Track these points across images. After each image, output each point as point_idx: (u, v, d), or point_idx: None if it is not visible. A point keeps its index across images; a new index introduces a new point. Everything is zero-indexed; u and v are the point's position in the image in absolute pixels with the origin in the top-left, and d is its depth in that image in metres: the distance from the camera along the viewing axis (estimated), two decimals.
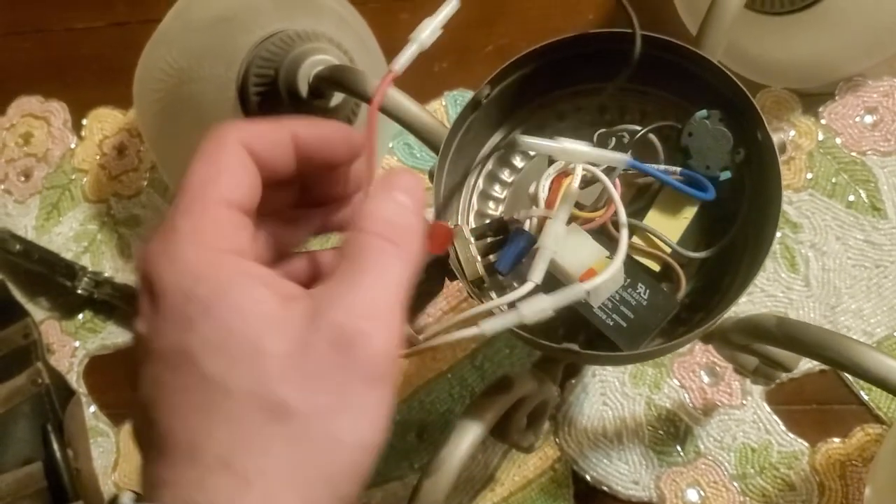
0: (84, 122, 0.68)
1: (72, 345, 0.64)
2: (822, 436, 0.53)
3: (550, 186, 0.35)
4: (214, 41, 0.52)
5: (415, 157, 0.63)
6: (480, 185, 0.42)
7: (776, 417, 0.54)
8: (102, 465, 0.61)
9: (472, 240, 0.38)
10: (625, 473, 0.55)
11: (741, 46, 0.54)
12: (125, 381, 0.63)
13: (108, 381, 0.63)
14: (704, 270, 0.39)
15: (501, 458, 0.56)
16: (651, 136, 0.37)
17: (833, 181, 0.57)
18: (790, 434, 0.54)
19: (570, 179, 0.33)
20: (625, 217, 0.32)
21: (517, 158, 0.42)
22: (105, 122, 0.68)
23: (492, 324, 0.29)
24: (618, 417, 0.56)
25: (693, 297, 0.39)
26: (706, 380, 0.55)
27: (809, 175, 0.57)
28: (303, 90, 0.47)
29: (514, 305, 0.29)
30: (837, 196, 0.57)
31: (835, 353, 0.35)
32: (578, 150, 0.31)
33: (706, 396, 0.55)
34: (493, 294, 0.40)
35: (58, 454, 0.57)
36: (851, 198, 0.56)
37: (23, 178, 0.68)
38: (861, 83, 0.58)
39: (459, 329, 0.29)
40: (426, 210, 0.28)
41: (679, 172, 0.36)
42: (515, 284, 0.40)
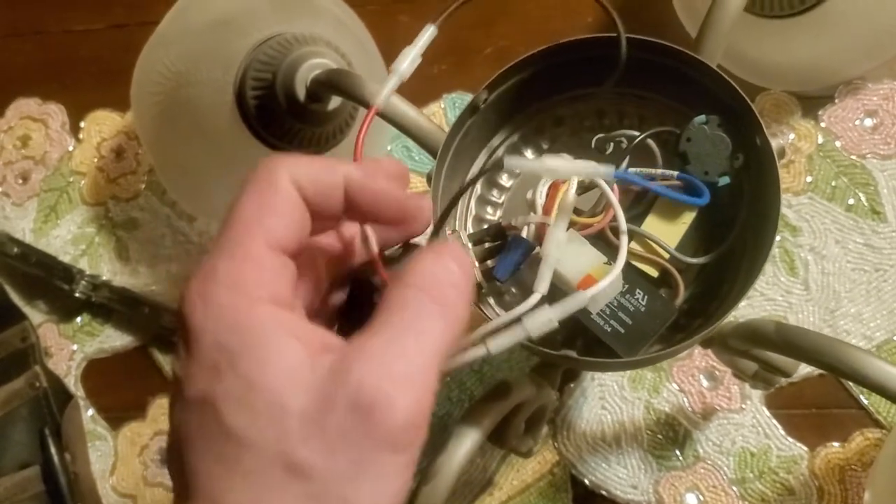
0: (82, 125, 0.68)
1: (70, 348, 0.64)
2: (822, 440, 0.53)
3: (548, 193, 0.35)
4: (212, 44, 0.52)
5: (413, 161, 0.62)
6: (478, 190, 0.42)
7: (775, 422, 0.54)
8: (100, 469, 0.61)
9: (470, 245, 0.38)
10: (623, 478, 0.55)
11: (741, 49, 0.54)
12: (123, 385, 0.62)
13: (107, 385, 0.63)
14: (703, 276, 0.39)
15: (500, 463, 0.56)
16: (649, 142, 0.37)
17: (833, 184, 0.57)
18: (789, 438, 0.54)
19: (567, 186, 0.33)
20: (624, 224, 0.32)
21: None
22: (103, 125, 0.68)
23: (499, 342, 0.28)
24: (617, 421, 0.56)
25: (692, 303, 0.38)
26: (705, 384, 0.55)
27: (809, 178, 0.57)
28: (300, 94, 0.47)
29: (519, 319, 0.28)
30: (837, 199, 0.56)
31: (833, 359, 0.34)
32: (562, 167, 0.31)
33: (705, 400, 0.55)
34: (491, 300, 0.40)
35: (55, 458, 0.57)
36: (851, 201, 0.56)
37: (20, 181, 0.68)
38: (861, 86, 0.58)
39: (467, 351, 0.29)
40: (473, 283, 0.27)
41: (676, 177, 0.35)
42: (513, 290, 0.40)
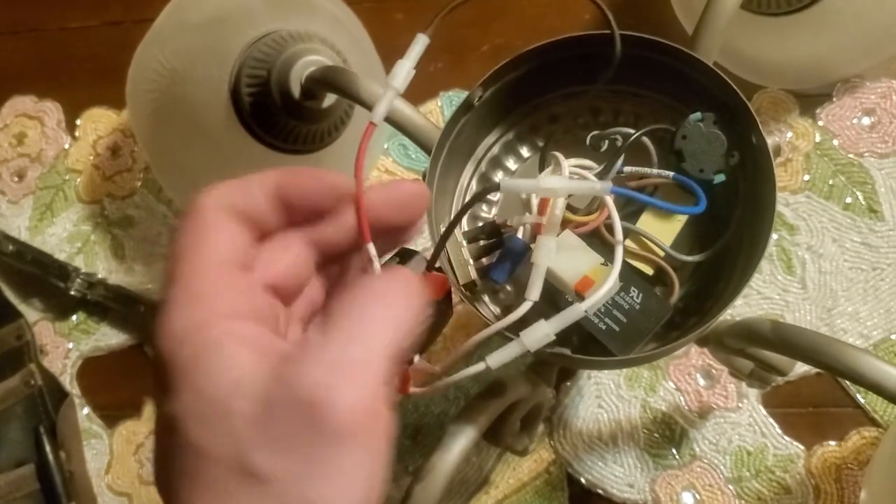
0: (78, 123, 0.68)
1: (65, 346, 0.63)
2: (818, 439, 0.53)
3: None
4: (207, 42, 0.52)
5: (410, 159, 0.62)
6: (473, 188, 0.42)
7: (772, 420, 0.54)
8: (95, 468, 0.61)
9: (465, 243, 0.38)
10: (620, 476, 0.55)
11: (738, 47, 0.54)
12: (118, 383, 0.62)
13: (102, 383, 0.63)
14: (698, 274, 0.39)
15: (496, 461, 0.56)
16: (645, 139, 0.37)
17: (830, 183, 0.57)
18: (786, 437, 0.54)
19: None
20: (620, 234, 0.31)
21: (511, 161, 0.42)
22: (99, 123, 0.68)
23: (497, 358, 0.29)
24: (613, 420, 0.56)
25: (687, 302, 0.38)
26: (702, 382, 0.55)
27: (806, 177, 0.57)
28: (295, 91, 0.47)
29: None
30: (834, 198, 0.56)
31: (829, 358, 0.34)
32: (559, 186, 0.31)
33: (702, 399, 0.55)
34: (486, 297, 0.40)
35: (50, 456, 0.57)
36: (848, 200, 0.56)
37: (16, 179, 0.68)
38: (859, 85, 0.57)
39: (467, 367, 0.30)
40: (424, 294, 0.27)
41: (672, 177, 0.35)
42: (508, 287, 0.40)
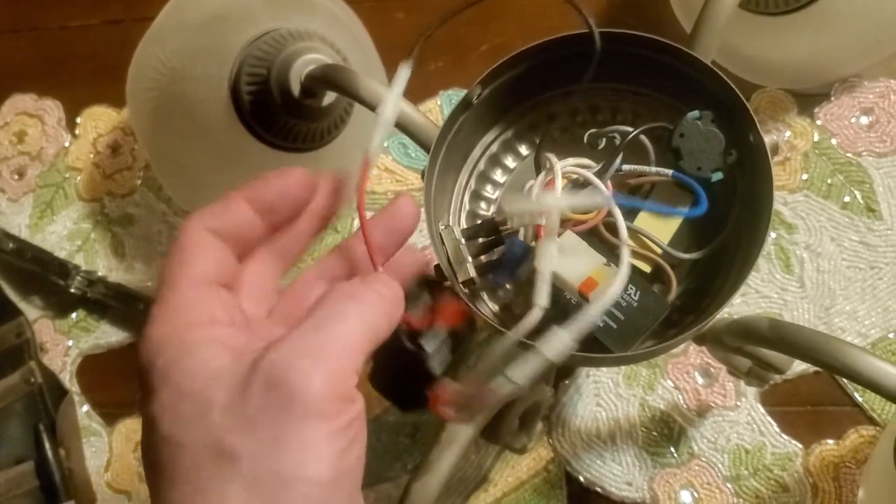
0: (78, 121, 0.68)
1: (65, 344, 0.64)
2: (816, 437, 0.53)
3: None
4: (207, 40, 0.52)
5: (409, 157, 0.62)
6: (472, 186, 0.42)
7: (770, 419, 0.54)
8: (95, 465, 0.61)
9: (464, 240, 0.38)
10: (618, 474, 0.55)
11: (736, 46, 0.54)
12: (118, 381, 0.63)
13: (102, 381, 0.63)
14: (696, 272, 0.39)
15: (495, 459, 0.56)
16: (642, 138, 0.37)
17: (828, 182, 0.57)
18: (784, 435, 0.54)
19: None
20: (625, 232, 0.32)
21: (509, 159, 0.42)
22: (99, 121, 0.68)
23: (520, 372, 0.30)
24: (611, 418, 0.56)
25: (684, 299, 0.38)
26: (700, 381, 0.55)
27: (805, 176, 0.57)
28: (294, 89, 0.47)
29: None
30: (833, 197, 0.56)
31: (827, 356, 0.34)
32: (560, 203, 0.31)
33: (700, 398, 0.55)
34: (484, 295, 0.40)
35: (50, 454, 0.57)
36: (847, 199, 0.56)
37: (16, 177, 0.68)
38: (857, 84, 0.58)
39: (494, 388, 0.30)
40: (401, 300, 0.30)
41: (672, 175, 0.35)
42: (507, 286, 0.40)
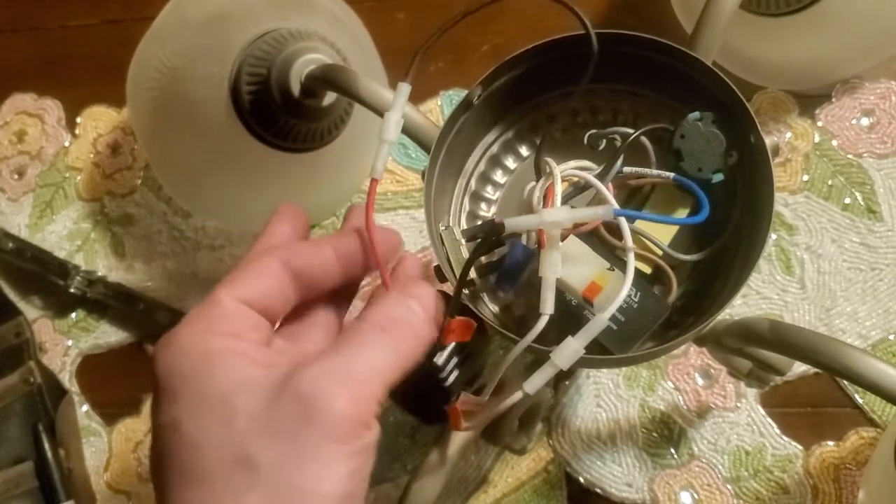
0: (78, 120, 0.68)
1: (64, 344, 0.64)
2: (817, 439, 0.53)
3: (545, 195, 0.35)
4: (207, 40, 0.52)
5: (410, 158, 0.62)
6: (472, 187, 0.42)
7: (770, 420, 0.54)
8: (94, 465, 0.61)
9: (464, 241, 0.37)
10: (618, 475, 0.55)
11: (737, 47, 0.54)
12: (117, 381, 0.63)
13: (101, 381, 0.63)
14: (696, 273, 0.39)
15: (495, 460, 0.56)
16: (643, 139, 0.37)
17: (829, 183, 0.57)
18: (784, 437, 0.54)
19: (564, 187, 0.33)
20: (630, 241, 0.32)
21: (510, 160, 0.42)
22: (99, 121, 0.68)
23: (533, 383, 0.31)
24: (611, 419, 0.56)
25: (685, 301, 0.38)
26: (700, 382, 0.55)
27: (805, 177, 0.57)
28: (295, 89, 0.47)
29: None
30: (833, 198, 0.56)
31: (827, 358, 0.34)
32: (562, 219, 0.31)
33: (700, 399, 0.55)
34: (485, 296, 0.40)
35: (49, 454, 0.57)
36: (847, 200, 0.56)
37: (16, 176, 0.68)
38: (858, 85, 0.58)
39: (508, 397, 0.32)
40: (436, 316, 0.32)
41: (672, 178, 0.35)
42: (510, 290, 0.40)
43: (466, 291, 0.38)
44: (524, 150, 0.42)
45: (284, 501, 0.25)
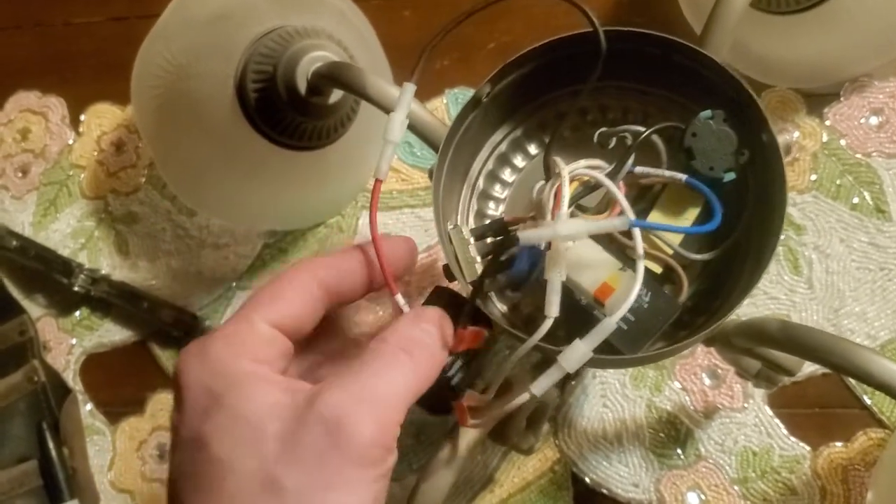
0: (82, 118, 0.68)
1: (68, 342, 0.63)
2: (825, 440, 0.53)
3: (554, 195, 0.35)
4: (213, 37, 0.51)
5: (415, 156, 0.62)
6: (480, 185, 0.41)
7: (778, 421, 0.54)
8: (98, 464, 0.61)
9: (472, 240, 0.37)
10: (625, 476, 0.54)
11: (746, 45, 0.54)
12: (121, 379, 0.63)
13: (105, 379, 0.63)
14: (707, 273, 0.38)
15: (500, 460, 0.56)
16: (654, 137, 0.36)
17: (837, 183, 0.56)
18: (792, 438, 0.53)
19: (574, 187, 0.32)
20: (641, 248, 0.32)
21: (518, 158, 0.42)
22: (103, 118, 0.67)
23: (540, 385, 0.31)
24: (618, 419, 0.55)
25: (695, 301, 0.38)
26: (707, 382, 0.55)
27: (813, 177, 0.56)
28: (301, 87, 0.47)
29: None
30: (842, 198, 0.56)
31: (840, 359, 0.34)
32: (579, 230, 0.31)
33: (707, 399, 0.55)
34: (492, 295, 0.40)
35: (53, 452, 0.57)
36: (856, 200, 0.56)
37: (20, 174, 0.68)
38: (867, 84, 0.57)
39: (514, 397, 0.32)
40: (446, 337, 0.32)
41: (685, 181, 0.35)
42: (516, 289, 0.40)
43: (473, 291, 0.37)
44: (532, 149, 0.42)
45: None
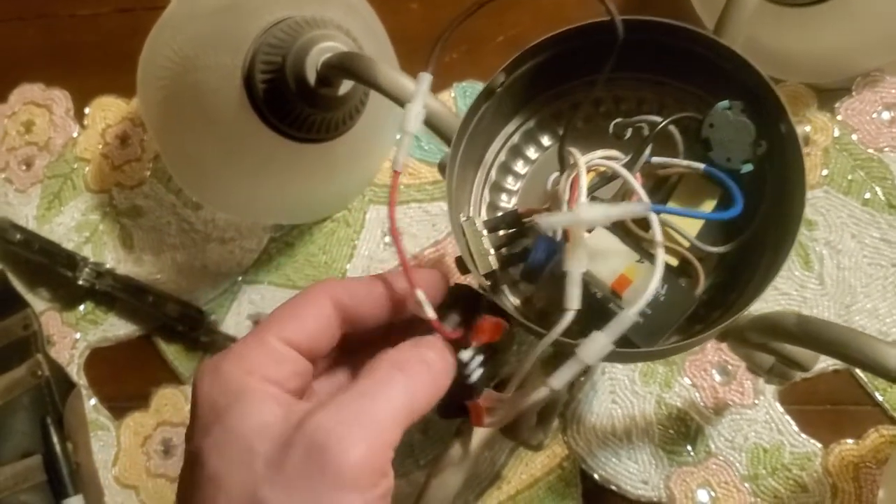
0: (87, 111, 0.67)
1: (72, 336, 0.63)
2: (836, 437, 0.52)
3: (570, 186, 0.34)
4: (220, 28, 0.51)
5: (423, 150, 0.62)
6: (493, 177, 0.41)
7: (789, 417, 0.53)
8: (102, 459, 0.60)
9: (485, 232, 0.37)
10: (634, 473, 0.54)
11: (757, 39, 0.53)
12: (126, 374, 0.62)
13: (110, 374, 0.62)
14: (723, 266, 0.38)
15: (508, 456, 0.56)
16: (671, 128, 0.36)
17: (849, 178, 0.56)
18: (803, 435, 0.53)
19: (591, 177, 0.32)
20: (660, 235, 0.31)
21: (531, 150, 0.41)
22: (108, 111, 0.67)
23: (559, 378, 0.30)
24: (627, 416, 0.55)
25: (711, 294, 0.38)
26: (718, 379, 0.54)
27: (825, 172, 0.56)
28: (311, 78, 0.46)
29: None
30: (853, 193, 0.56)
31: (858, 353, 0.33)
32: (599, 215, 0.30)
33: (718, 395, 0.54)
34: (505, 287, 0.39)
35: (57, 447, 0.57)
36: (867, 195, 0.55)
37: (24, 167, 0.67)
38: (879, 79, 0.57)
39: (532, 394, 0.31)
40: (451, 370, 0.32)
41: (703, 170, 0.34)
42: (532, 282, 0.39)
43: (489, 283, 0.37)
44: (546, 140, 0.41)
45: None
